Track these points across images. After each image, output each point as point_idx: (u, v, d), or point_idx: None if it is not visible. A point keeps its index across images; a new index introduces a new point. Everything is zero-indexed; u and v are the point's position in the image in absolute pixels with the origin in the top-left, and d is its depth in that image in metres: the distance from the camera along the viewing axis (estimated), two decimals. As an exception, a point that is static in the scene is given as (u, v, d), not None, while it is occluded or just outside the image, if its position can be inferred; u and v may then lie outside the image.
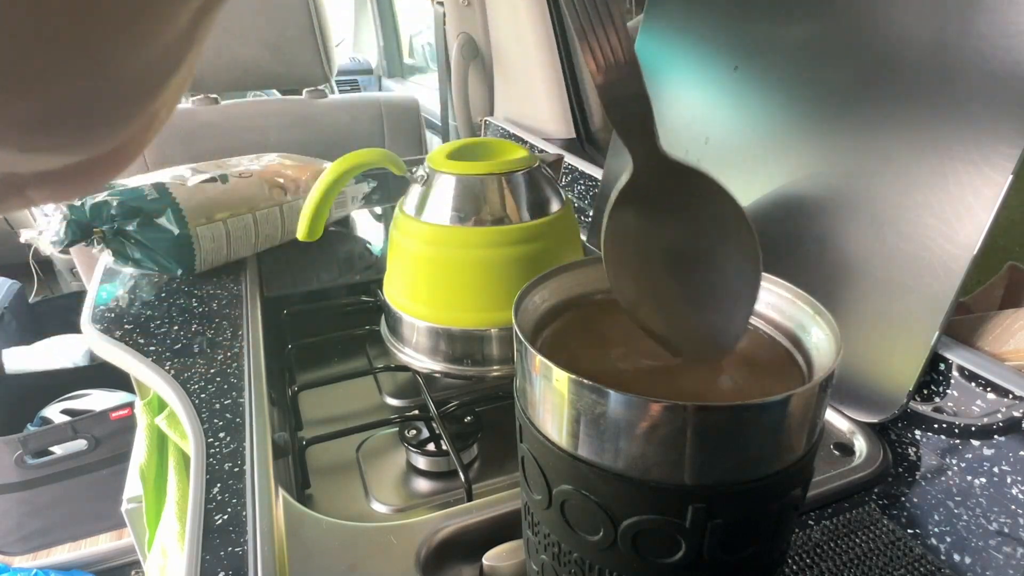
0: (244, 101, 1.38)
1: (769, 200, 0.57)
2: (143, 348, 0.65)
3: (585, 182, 0.95)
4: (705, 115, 0.65)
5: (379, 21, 2.47)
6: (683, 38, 0.68)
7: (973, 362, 0.45)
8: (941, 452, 0.46)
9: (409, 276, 0.60)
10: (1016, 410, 0.42)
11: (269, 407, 0.54)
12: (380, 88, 2.55)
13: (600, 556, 0.27)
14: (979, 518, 0.42)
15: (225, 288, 0.77)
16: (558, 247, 0.59)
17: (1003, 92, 0.42)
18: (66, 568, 1.38)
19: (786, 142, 0.56)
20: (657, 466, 0.24)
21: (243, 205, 0.81)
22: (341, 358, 0.70)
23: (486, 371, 0.59)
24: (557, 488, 0.27)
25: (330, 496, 0.51)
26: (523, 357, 0.27)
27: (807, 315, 0.29)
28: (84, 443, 1.37)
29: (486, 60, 1.30)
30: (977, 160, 0.43)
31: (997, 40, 0.42)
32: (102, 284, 0.79)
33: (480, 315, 0.57)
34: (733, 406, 0.23)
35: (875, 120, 0.49)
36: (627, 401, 0.23)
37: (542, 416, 0.27)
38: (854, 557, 0.39)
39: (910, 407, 0.48)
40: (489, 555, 0.40)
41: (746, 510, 0.25)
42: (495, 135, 1.27)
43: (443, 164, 0.58)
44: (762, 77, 0.59)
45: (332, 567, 0.40)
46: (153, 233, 0.74)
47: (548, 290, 0.33)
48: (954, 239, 0.44)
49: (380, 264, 0.86)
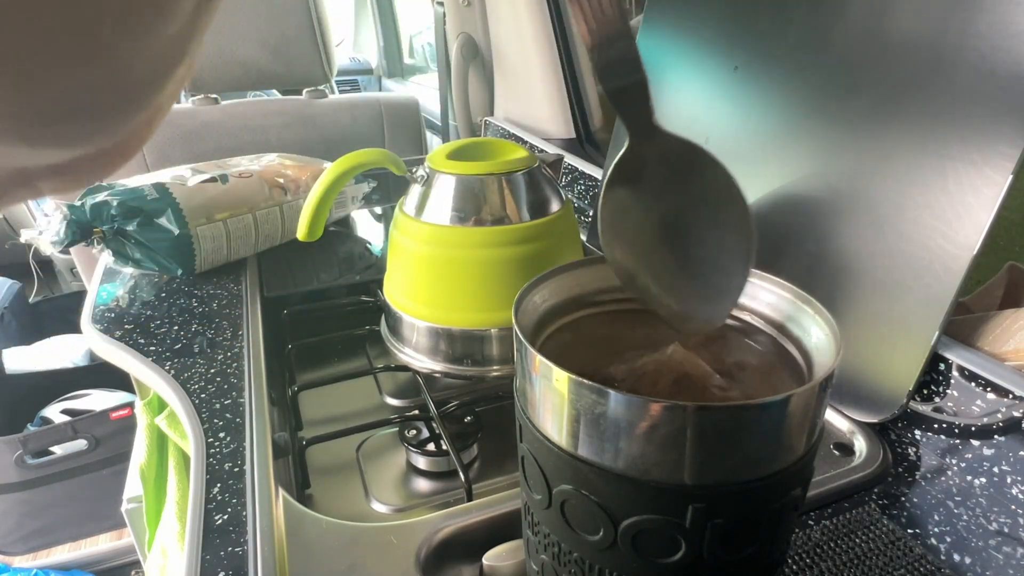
0: (244, 101, 1.38)
1: (769, 200, 0.57)
2: (143, 348, 0.65)
3: (585, 182, 0.95)
4: (705, 115, 0.65)
5: (379, 21, 2.47)
6: (683, 38, 0.68)
7: (973, 362, 0.45)
8: (941, 452, 0.46)
9: (409, 276, 0.60)
10: (1016, 410, 0.42)
11: (269, 407, 0.54)
12: (380, 88, 2.55)
13: (600, 556, 0.27)
14: (979, 518, 0.42)
15: (225, 288, 0.77)
16: (558, 247, 0.59)
17: (1003, 92, 0.42)
18: (66, 568, 1.38)
19: (786, 142, 0.56)
20: (657, 466, 0.24)
21: (243, 205, 0.81)
22: (341, 358, 0.70)
23: (486, 371, 0.59)
24: (557, 488, 0.27)
25: (330, 496, 0.51)
26: (523, 357, 0.27)
27: (807, 315, 0.29)
28: (84, 443, 1.37)
29: (486, 60, 1.30)
30: (977, 160, 0.43)
31: (997, 40, 0.42)
32: (102, 284, 0.79)
33: (480, 315, 0.57)
34: (733, 406, 0.23)
35: (875, 120, 0.49)
36: (627, 401, 0.23)
37: (542, 416, 0.27)
38: (854, 557, 0.39)
39: (910, 407, 0.48)
40: (489, 555, 0.40)
41: (746, 510, 0.25)
42: (495, 135, 1.27)
43: (443, 164, 0.58)
44: (762, 77, 0.59)
45: (332, 567, 0.40)
46: (153, 233, 0.75)
47: (548, 290, 0.33)
48: (954, 239, 0.44)
49: (380, 264, 0.86)
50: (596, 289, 0.35)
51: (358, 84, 2.57)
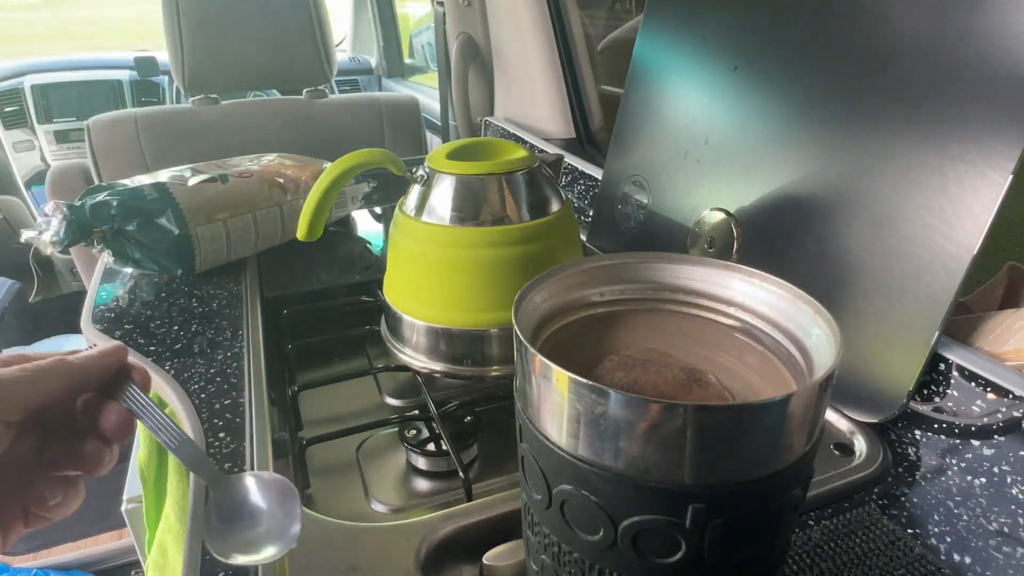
0: (244, 101, 1.38)
1: (769, 200, 0.57)
2: (143, 348, 0.65)
3: (585, 182, 0.95)
4: (705, 115, 0.65)
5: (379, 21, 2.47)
6: (683, 38, 0.68)
7: (973, 362, 0.45)
8: (941, 452, 0.46)
9: (409, 276, 0.60)
10: (1016, 410, 0.42)
11: (269, 407, 0.54)
12: (380, 88, 2.55)
13: (600, 556, 0.27)
14: (979, 518, 0.42)
15: (225, 288, 0.77)
16: (558, 247, 0.59)
17: (1003, 92, 0.42)
18: (66, 568, 1.38)
19: (786, 142, 0.56)
20: (657, 466, 0.24)
21: (243, 205, 0.81)
22: (341, 358, 0.70)
23: (486, 371, 0.59)
24: (557, 488, 0.27)
25: (330, 496, 0.51)
26: (523, 357, 0.27)
27: (807, 315, 0.29)
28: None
29: (486, 60, 1.30)
30: (977, 160, 0.43)
31: (997, 40, 0.42)
32: (102, 284, 0.79)
33: (480, 315, 0.57)
34: (733, 406, 0.23)
35: (875, 120, 0.49)
36: (627, 401, 0.23)
37: (542, 416, 0.27)
38: (854, 557, 0.39)
39: (910, 407, 0.48)
40: (489, 555, 0.40)
41: (746, 510, 0.25)
42: (495, 135, 1.27)
43: (443, 164, 0.58)
44: (762, 77, 0.59)
45: (332, 567, 0.40)
46: (153, 233, 0.74)
47: (548, 290, 0.33)
48: (954, 239, 0.44)
49: (380, 264, 0.86)
50: (596, 289, 0.35)
51: (358, 84, 2.57)
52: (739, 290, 0.33)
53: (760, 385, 0.30)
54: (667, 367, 0.30)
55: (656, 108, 0.71)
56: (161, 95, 2.29)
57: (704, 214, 0.63)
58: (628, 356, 0.31)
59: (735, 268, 0.33)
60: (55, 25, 10.52)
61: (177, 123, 1.28)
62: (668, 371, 0.30)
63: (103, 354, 0.33)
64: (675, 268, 0.35)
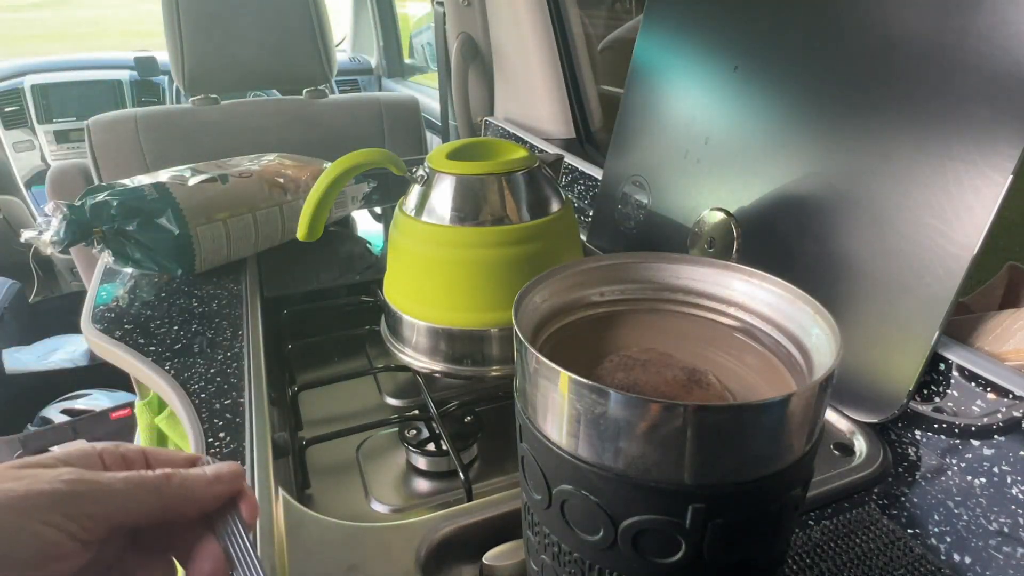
0: (244, 101, 1.38)
1: (769, 200, 0.57)
2: (143, 348, 0.65)
3: (585, 182, 0.95)
4: (705, 115, 0.65)
5: (379, 21, 2.47)
6: (683, 38, 0.68)
7: (973, 362, 0.45)
8: (941, 452, 0.46)
9: (409, 276, 0.60)
10: (1016, 410, 0.42)
11: (269, 407, 0.54)
12: (380, 88, 2.55)
13: (600, 556, 0.27)
14: (979, 518, 0.42)
15: (225, 288, 0.77)
16: (558, 247, 0.59)
17: (1003, 92, 0.42)
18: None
19: (786, 142, 0.56)
20: (657, 466, 0.24)
21: (243, 205, 0.81)
22: (341, 358, 0.70)
23: (486, 371, 0.59)
24: (557, 488, 0.27)
25: (330, 496, 0.51)
26: (523, 357, 0.27)
27: (807, 315, 0.29)
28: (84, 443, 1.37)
29: (486, 60, 1.30)
30: (977, 160, 0.43)
31: (997, 40, 0.42)
32: (102, 284, 0.79)
33: (480, 315, 0.57)
34: (733, 406, 0.23)
35: (875, 120, 0.49)
36: (627, 401, 0.23)
37: (542, 416, 0.27)
38: (854, 557, 0.39)
39: (910, 407, 0.48)
40: (489, 555, 0.40)
41: (746, 510, 0.25)
42: (495, 135, 1.27)
43: (443, 164, 0.58)
44: (762, 77, 0.59)
45: (332, 567, 0.40)
46: (153, 233, 0.74)
47: (548, 290, 0.33)
48: (954, 239, 0.44)
49: (380, 264, 0.86)
50: (596, 289, 0.35)
51: (358, 84, 2.57)
52: (739, 290, 0.33)
53: (760, 385, 0.30)
54: (667, 367, 0.30)
55: (656, 108, 0.71)
56: (161, 95, 2.29)
57: (704, 214, 0.63)
58: (628, 356, 0.31)
59: (735, 268, 0.33)
60: (55, 25, 10.53)
61: (177, 123, 1.28)
62: (668, 371, 0.30)
63: (218, 479, 0.30)
64: (675, 268, 0.35)
